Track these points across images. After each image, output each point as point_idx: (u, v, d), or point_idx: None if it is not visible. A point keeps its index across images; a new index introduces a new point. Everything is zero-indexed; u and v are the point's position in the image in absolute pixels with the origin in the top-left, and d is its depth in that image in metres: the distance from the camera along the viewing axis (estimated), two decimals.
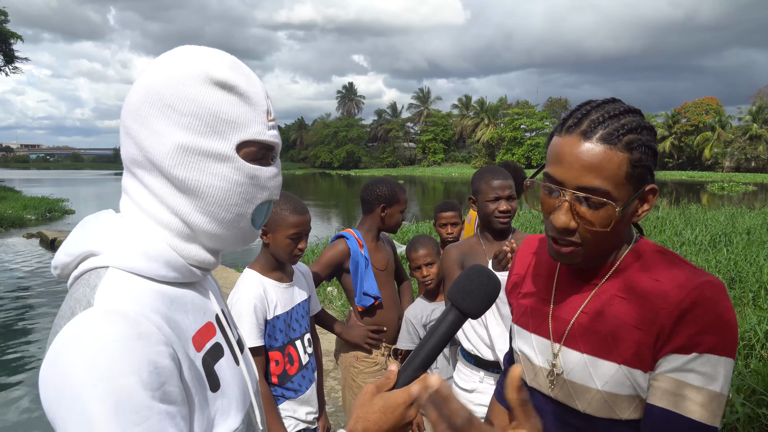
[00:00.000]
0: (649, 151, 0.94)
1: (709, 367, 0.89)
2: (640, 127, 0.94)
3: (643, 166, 0.94)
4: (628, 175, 0.92)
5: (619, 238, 1.01)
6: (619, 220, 0.95)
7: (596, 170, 0.92)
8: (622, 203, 0.93)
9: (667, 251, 1.03)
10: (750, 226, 11.09)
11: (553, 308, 1.10)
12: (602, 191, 0.92)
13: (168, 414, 0.68)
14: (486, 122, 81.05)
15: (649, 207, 0.99)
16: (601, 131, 0.93)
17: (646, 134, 0.95)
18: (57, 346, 0.68)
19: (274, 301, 2.01)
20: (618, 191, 0.92)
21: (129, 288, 0.74)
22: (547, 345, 1.10)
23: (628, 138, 0.92)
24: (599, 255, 1.02)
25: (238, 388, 0.88)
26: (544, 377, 1.10)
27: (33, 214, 19.69)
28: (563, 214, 0.96)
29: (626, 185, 0.93)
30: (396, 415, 0.87)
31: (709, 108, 64.73)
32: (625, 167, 0.92)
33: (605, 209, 0.93)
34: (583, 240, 0.98)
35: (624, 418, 0.97)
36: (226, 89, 0.80)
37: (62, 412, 0.65)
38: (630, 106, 0.99)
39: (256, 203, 0.86)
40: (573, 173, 0.94)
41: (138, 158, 0.81)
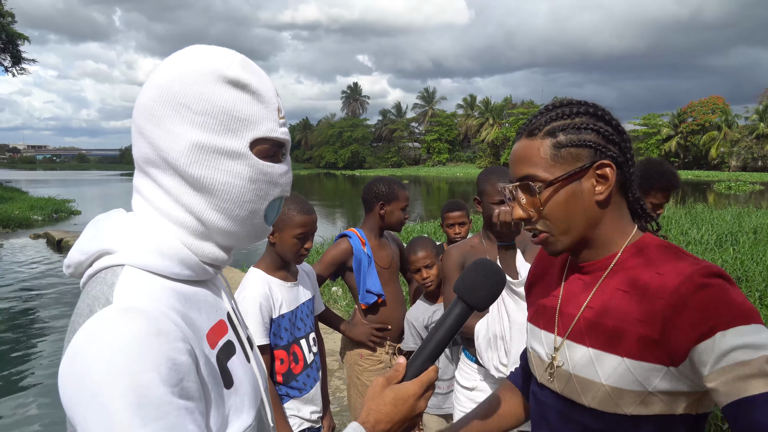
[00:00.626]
0: (582, 131, 1.01)
1: (740, 339, 0.83)
2: (569, 114, 1.03)
3: (573, 145, 1.01)
4: (554, 156, 1.01)
5: (593, 222, 1.04)
6: (566, 198, 1.02)
7: (523, 161, 1.05)
8: (548, 181, 1.01)
9: (670, 245, 1.03)
10: (757, 225, 11.03)
11: (560, 303, 1.12)
12: (531, 176, 1.03)
13: (187, 409, 0.69)
14: (491, 122, 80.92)
15: (607, 184, 1.01)
16: (528, 129, 1.06)
17: (579, 118, 1.03)
18: (76, 343, 0.68)
19: (280, 300, 2.02)
20: (546, 173, 1.02)
21: (146, 286, 0.75)
22: (551, 339, 1.12)
23: (550, 126, 1.03)
24: (580, 240, 1.05)
25: (249, 386, 0.88)
26: (545, 371, 1.11)
27: (39, 214, 19.79)
28: (515, 207, 1.08)
29: (556, 166, 1.02)
30: (407, 407, 0.90)
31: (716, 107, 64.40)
32: (548, 150, 1.02)
33: (542, 192, 1.02)
34: (546, 227, 1.05)
35: (629, 413, 0.96)
36: (239, 87, 0.81)
37: (82, 409, 0.66)
38: (573, 100, 1.07)
39: (269, 200, 0.87)
40: (513, 170, 1.08)
41: (152, 157, 0.81)
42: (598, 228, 1.05)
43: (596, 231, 1.05)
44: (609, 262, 1.05)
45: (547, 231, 1.06)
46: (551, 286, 1.18)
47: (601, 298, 1.03)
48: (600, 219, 1.04)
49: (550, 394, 1.12)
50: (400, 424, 0.90)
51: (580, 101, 1.06)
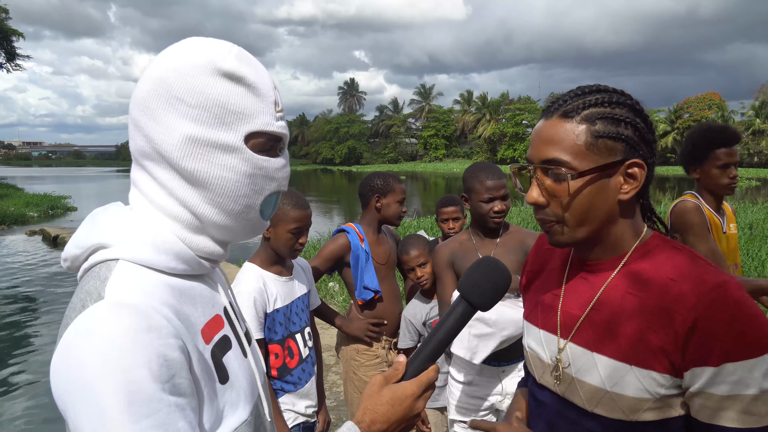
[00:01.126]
0: (619, 124, 0.95)
1: (739, 374, 0.84)
2: (608, 102, 0.96)
3: (612, 137, 0.94)
4: (589, 145, 0.94)
5: (606, 219, 0.99)
6: (590, 192, 0.95)
7: (554, 143, 0.96)
8: (579, 171, 0.95)
9: (681, 246, 1.00)
10: (752, 221, 11.07)
11: (562, 303, 1.08)
12: (560, 161, 0.95)
13: (178, 406, 0.69)
14: (488, 118, 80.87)
15: (635, 184, 0.96)
16: (562, 109, 0.98)
17: (618, 108, 0.96)
18: (68, 338, 0.68)
19: (274, 295, 2.02)
20: (578, 161, 0.94)
21: (139, 280, 0.75)
22: (554, 340, 1.07)
23: (589, 111, 0.95)
24: (588, 236, 1.00)
25: (246, 380, 0.88)
26: (550, 373, 1.07)
27: (35, 211, 19.71)
28: (533, 189, 1.00)
29: (588, 155, 0.94)
30: (404, 407, 0.88)
31: (712, 103, 64.53)
32: (584, 137, 0.94)
33: (566, 180, 0.95)
34: (557, 216, 0.99)
35: (632, 419, 0.94)
36: (233, 80, 0.80)
37: (74, 404, 0.66)
38: (609, 87, 1.00)
39: (265, 194, 0.86)
40: (537, 150, 0.99)
41: (147, 150, 0.81)
42: (612, 227, 1.00)
43: (609, 229, 1.00)
44: (618, 263, 1.01)
45: (559, 221, 0.99)
46: (551, 283, 1.14)
47: (609, 300, 0.99)
48: (617, 217, 0.99)
49: (549, 394, 1.08)
50: (397, 425, 0.88)
51: (617, 90, 1.00)
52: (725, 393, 0.86)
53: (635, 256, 1.00)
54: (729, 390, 0.85)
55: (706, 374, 0.86)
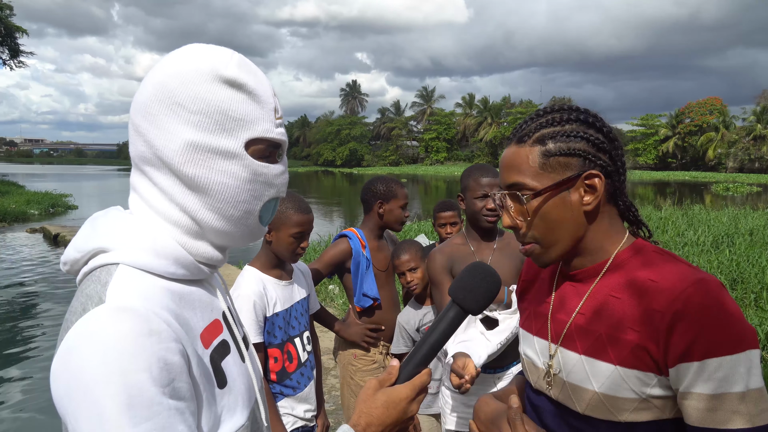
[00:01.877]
0: (570, 140, 1.00)
1: (723, 370, 0.85)
2: (559, 120, 1.02)
3: (562, 154, 0.99)
4: (543, 165, 1.00)
5: (575, 230, 1.02)
6: (555, 208, 1.00)
7: (512, 168, 1.04)
8: (536, 191, 1.00)
9: (663, 251, 1.02)
10: (753, 227, 11.06)
11: (552, 310, 1.11)
12: (519, 185, 1.02)
13: (177, 410, 0.69)
14: (489, 121, 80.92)
15: (596, 194, 1.00)
16: (518, 135, 1.05)
17: (570, 125, 1.01)
18: (69, 341, 0.68)
19: (274, 299, 2.02)
20: (535, 181, 1.01)
21: (139, 285, 0.75)
22: (545, 346, 1.10)
23: (539, 133, 1.02)
24: (565, 249, 1.04)
25: (243, 385, 0.88)
26: (542, 379, 1.10)
27: (36, 209, 19.73)
28: (504, 214, 1.07)
29: (544, 174, 1.00)
30: (399, 410, 0.89)
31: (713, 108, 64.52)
32: (537, 159, 1.01)
33: (530, 201, 1.01)
34: (534, 237, 1.04)
35: (623, 420, 0.95)
36: (234, 87, 0.81)
37: (74, 407, 0.66)
38: (564, 105, 1.06)
39: (264, 200, 0.87)
40: (502, 177, 1.07)
41: (147, 156, 0.81)
42: (586, 238, 1.04)
43: (585, 241, 1.04)
44: (600, 269, 1.04)
45: (535, 242, 1.04)
46: (543, 291, 1.17)
47: (593, 304, 1.02)
48: (588, 229, 1.03)
49: (545, 400, 1.11)
50: (392, 427, 0.90)
51: (572, 107, 1.05)
52: (712, 391, 0.86)
53: (617, 262, 1.03)
54: (715, 388, 0.86)
55: (691, 371, 0.88)
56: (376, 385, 0.92)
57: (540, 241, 1.04)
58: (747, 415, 0.85)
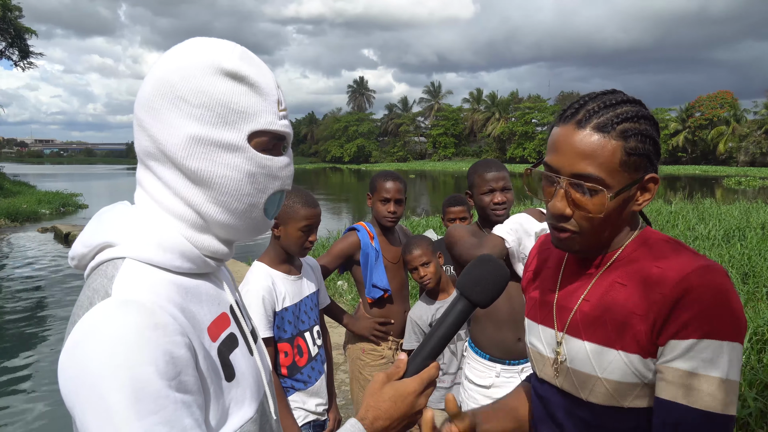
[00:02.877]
0: (646, 140, 0.96)
1: (710, 353, 0.86)
2: (637, 116, 0.96)
3: (640, 155, 0.95)
4: (623, 163, 0.94)
5: (617, 227, 1.01)
6: (616, 207, 0.97)
7: (590, 157, 0.95)
8: (615, 190, 0.95)
9: (671, 239, 1.02)
10: (765, 221, 10.94)
11: (557, 298, 1.11)
12: (595, 178, 0.94)
13: (184, 403, 0.69)
14: (497, 116, 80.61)
15: (650, 196, 0.99)
16: (595, 120, 0.96)
17: (644, 123, 0.97)
18: (75, 335, 0.69)
19: (283, 293, 2.02)
20: (612, 178, 0.94)
21: (145, 278, 0.75)
22: (552, 335, 1.10)
23: (623, 126, 0.95)
24: (598, 243, 1.02)
25: (252, 378, 0.88)
26: (550, 367, 1.10)
27: (47, 208, 19.90)
28: (558, 200, 0.99)
29: (621, 172, 0.95)
30: (406, 404, 0.89)
31: (724, 102, 63.89)
32: (619, 155, 0.94)
33: (599, 196, 0.95)
34: (580, 227, 1.00)
35: (627, 405, 0.96)
36: (236, 80, 0.80)
37: (81, 401, 0.66)
38: (629, 96, 1.00)
39: (269, 193, 0.87)
40: (568, 161, 0.97)
41: (151, 150, 0.81)
42: (612, 229, 1.02)
43: (609, 231, 1.02)
44: (610, 257, 1.04)
45: (577, 232, 1.00)
46: (548, 280, 1.17)
47: (599, 292, 1.02)
48: (626, 224, 1.03)
49: (550, 388, 1.11)
50: (399, 421, 0.90)
51: (633, 98, 1.00)
52: (692, 369, 0.87)
53: (626, 252, 1.03)
54: (696, 367, 0.87)
55: (681, 347, 0.88)
56: (384, 379, 0.92)
57: (585, 232, 0.99)
58: (716, 399, 0.86)
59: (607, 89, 1.02)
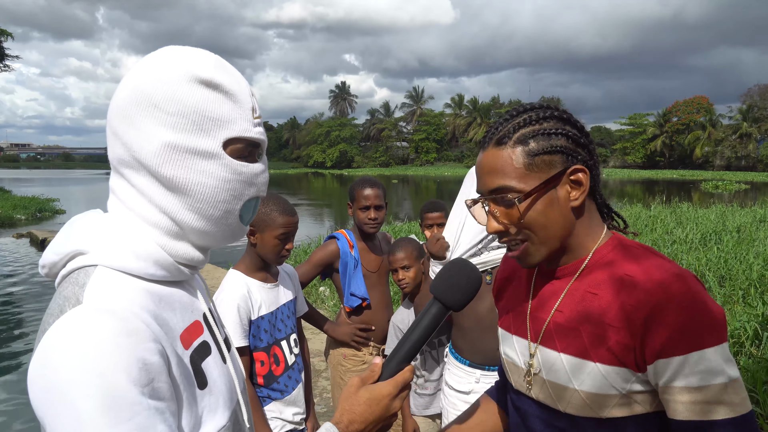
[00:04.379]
0: (551, 137, 0.98)
1: (704, 363, 0.86)
2: (537, 119, 0.99)
3: (547, 152, 0.97)
4: (528, 165, 0.97)
5: (566, 228, 1.01)
6: (543, 208, 0.98)
7: (495, 172, 0.99)
8: (525, 192, 0.97)
9: (640, 245, 1.02)
10: (740, 224, 11.17)
11: (531, 308, 1.10)
12: (506, 188, 0.98)
13: (157, 410, 0.69)
14: (479, 121, 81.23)
15: (582, 189, 0.99)
16: (495, 137, 1.01)
17: (548, 123, 0.99)
18: (46, 343, 0.68)
19: (259, 302, 2.00)
20: (522, 183, 0.97)
21: (117, 286, 0.75)
22: (525, 345, 1.10)
23: (519, 133, 0.98)
24: (553, 247, 1.02)
25: (225, 386, 0.88)
26: (523, 378, 1.09)
27: (23, 214, 19.57)
28: (489, 220, 1.03)
29: (531, 175, 0.97)
30: (381, 407, 0.90)
31: (700, 107, 65.15)
32: (521, 159, 0.97)
33: (514, 203, 0.98)
34: (525, 236, 1.01)
35: (605, 416, 0.95)
36: (211, 87, 0.81)
37: (51, 410, 0.65)
38: (535, 104, 1.04)
39: (244, 200, 0.87)
40: (483, 182, 1.02)
41: (125, 158, 0.81)
42: (573, 234, 1.02)
43: (571, 237, 1.03)
44: (579, 266, 1.04)
45: (524, 240, 1.01)
46: (521, 290, 1.16)
47: (571, 302, 1.02)
48: (575, 225, 1.02)
49: (527, 400, 1.10)
50: (375, 424, 0.90)
51: (543, 105, 1.03)
52: (696, 384, 0.87)
53: (595, 258, 1.03)
54: (699, 381, 0.87)
55: (672, 365, 0.88)
56: (359, 383, 0.93)
57: (531, 240, 1.01)
58: (730, 404, 0.86)
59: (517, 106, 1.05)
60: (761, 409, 3.38)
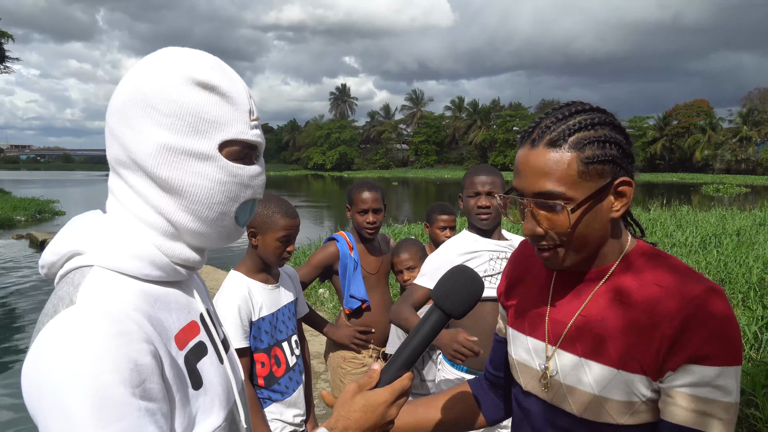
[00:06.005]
0: (606, 146, 0.95)
1: (723, 380, 0.87)
2: (592, 124, 0.96)
3: (601, 161, 0.94)
4: (581, 173, 0.94)
5: (601, 237, 1.00)
6: (587, 218, 0.96)
7: (546, 175, 0.95)
8: (577, 202, 0.94)
9: (663, 254, 1.02)
10: (740, 227, 11.16)
11: (549, 311, 1.09)
12: (555, 194, 0.94)
13: (148, 411, 0.69)
14: (479, 124, 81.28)
15: (626, 201, 0.98)
16: (548, 137, 0.96)
17: (602, 129, 0.96)
18: (39, 343, 0.69)
19: (260, 303, 2.00)
20: (573, 191, 0.94)
21: (112, 286, 0.75)
22: (542, 347, 1.08)
23: (575, 137, 0.94)
24: (585, 256, 1.01)
25: (221, 387, 0.88)
26: (538, 381, 1.08)
27: (23, 215, 19.56)
28: (527, 222, 0.99)
29: (582, 183, 0.94)
30: (377, 414, 0.89)
31: (700, 110, 65.23)
32: (575, 166, 0.94)
33: (563, 211, 0.95)
34: (559, 242, 0.99)
35: (621, 423, 0.95)
36: (208, 89, 0.81)
37: (43, 409, 0.66)
38: (587, 105, 1.00)
39: (240, 202, 0.87)
40: (528, 182, 0.97)
41: (122, 158, 0.82)
42: (596, 239, 1.00)
43: (594, 242, 1.01)
44: (604, 273, 1.02)
45: (560, 245, 0.99)
46: (536, 291, 1.14)
47: (596, 307, 1.01)
48: (609, 234, 1.01)
49: (535, 401, 1.09)
50: (370, 431, 0.89)
51: (596, 107, 1.01)
52: (705, 396, 0.88)
53: (622, 266, 1.02)
54: (709, 393, 0.88)
55: (695, 374, 0.88)
56: (356, 389, 0.92)
57: (566, 246, 0.99)
58: (726, 423, 0.88)
59: (567, 102, 1.02)
60: (761, 412, 3.37)
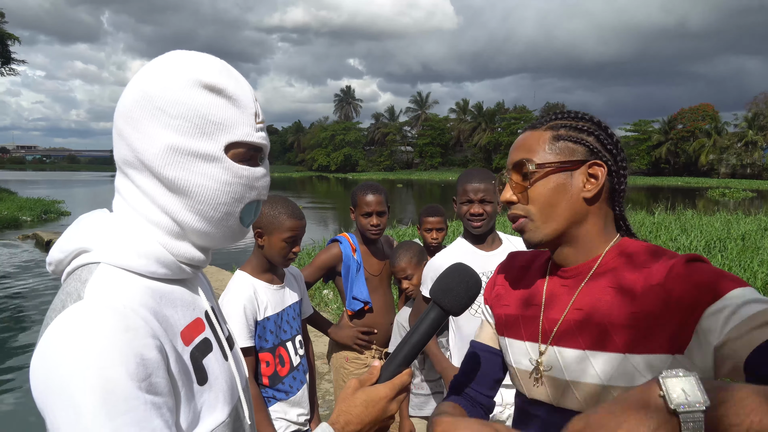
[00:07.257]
0: (583, 133, 1.05)
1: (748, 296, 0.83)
2: (576, 117, 1.08)
3: (571, 140, 1.04)
4: (551, 146, 1.05)
5: (572, 215, 1.04)
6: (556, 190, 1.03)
7: (521, 147, 1.09)
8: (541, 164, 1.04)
9: (652, 245, 1.04)
10: (745, 232, 11.11)
11: (543, 312, 1.10)
12: (525, 160, 1.06)
13: (154, 404, 0.70)
14: (483, 126, 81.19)
15: (596, 183, 1.03)
16: (532, 124, 1.12)
17: (583, 123, 1.07)
18: (47, 338, 0.70)
19: (265, 303, 2.01)
20: (539, 158, 1.05)
21: (118, 282, 0.76)
22: (536, 348, 1.09)
23: (554, 122, 1.08)
24: (557, 232, 1.05)
25: (226, 383, 0.90)
26: (538, 382, 1.08)
27: (28, 215, 19.64)
28: (505, 191, 1.10)
29: (550, 154, 1.05)
30: (378, 409, 0.91)
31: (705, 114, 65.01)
32: (546, 137, 1.06)
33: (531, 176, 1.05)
34: (528, 212, 1.06)
35: None
36: (214, 92, 0.83)
37: (51, 402, 0.67)
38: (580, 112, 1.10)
39: (245, 202, 0.89)
40: (510, 157, 1.11)
41: (129, 159, 0.83)
42: (581, 227, 1.05)
43: (579, 229, 1.05)
44: (592, 265, 1.05)
45: (527, 216, 1.06)
46: (530, 298, 1.15)
47: (589, 299, 1.03)
48: (585, 217, 1.05)
49: (543, 408, 1.09)
50: (371, 426, 0.91)
51: (583, 114, 1.10)
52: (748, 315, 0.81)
53: (609, 257, 1.05)
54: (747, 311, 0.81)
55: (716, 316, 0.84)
56: (357, 385, 0.94)
57: (533, 217, 1.06)
58: None
59: None
60: None
